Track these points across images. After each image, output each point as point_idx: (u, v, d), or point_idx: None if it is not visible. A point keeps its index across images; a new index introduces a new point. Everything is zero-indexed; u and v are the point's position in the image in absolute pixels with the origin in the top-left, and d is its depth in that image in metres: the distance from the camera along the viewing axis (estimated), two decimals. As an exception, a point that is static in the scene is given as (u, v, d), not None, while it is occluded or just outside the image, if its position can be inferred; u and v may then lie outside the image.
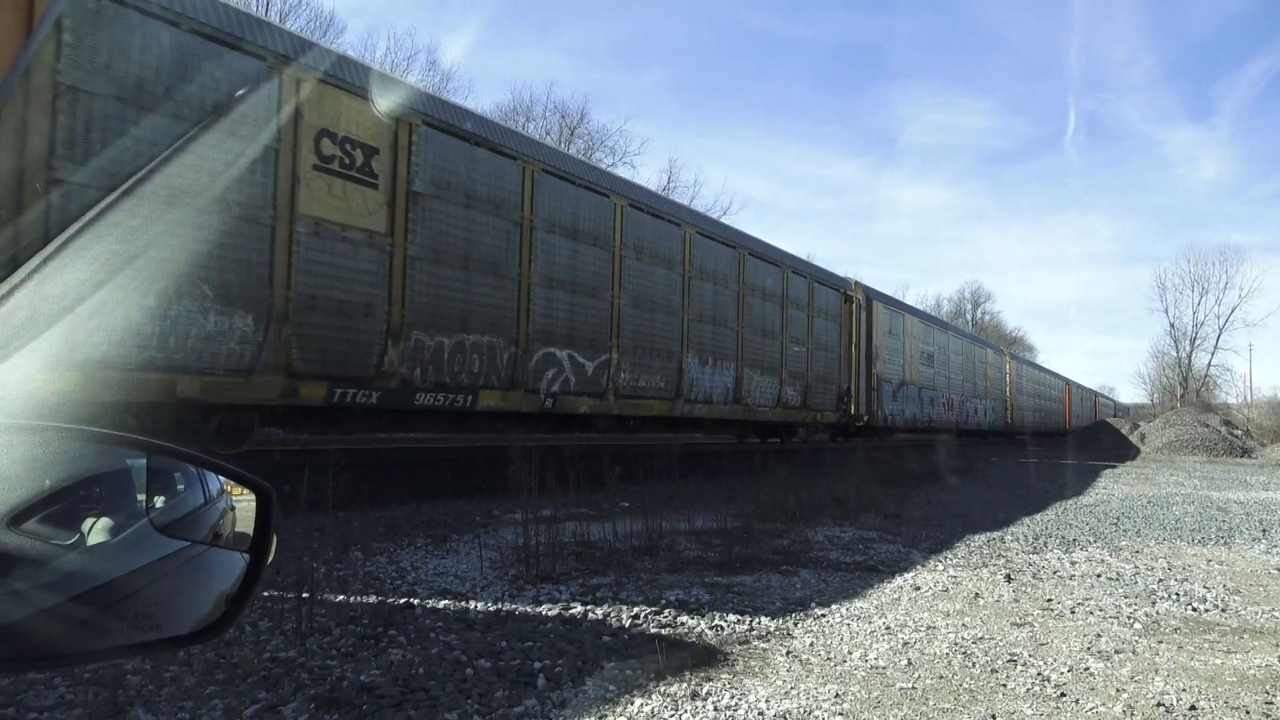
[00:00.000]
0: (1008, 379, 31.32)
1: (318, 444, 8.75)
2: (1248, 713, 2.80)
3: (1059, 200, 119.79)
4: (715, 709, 2.68)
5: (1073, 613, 4.19)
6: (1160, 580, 5.18)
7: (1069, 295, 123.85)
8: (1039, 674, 3.15)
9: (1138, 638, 3.75)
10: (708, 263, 12.16)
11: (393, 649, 3.17)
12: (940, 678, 3.09)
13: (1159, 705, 2.84)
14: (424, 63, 39.92)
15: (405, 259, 7.43)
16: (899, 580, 4.91)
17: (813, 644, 3.48)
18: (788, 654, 3.33)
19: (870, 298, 18.11)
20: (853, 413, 16.95)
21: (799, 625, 3.78)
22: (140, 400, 5.68)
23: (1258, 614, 4.34)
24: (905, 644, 3.51)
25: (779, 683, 2.97)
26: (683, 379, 11.45)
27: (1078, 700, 2.87)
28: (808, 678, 3.04)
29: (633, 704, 2.70)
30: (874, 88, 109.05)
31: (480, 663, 3.04)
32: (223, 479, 1.18)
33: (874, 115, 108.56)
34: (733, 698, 2.77)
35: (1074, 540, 6.93)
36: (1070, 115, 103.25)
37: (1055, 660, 3.33)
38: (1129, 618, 4.14)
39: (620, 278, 10.28)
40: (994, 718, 2.70)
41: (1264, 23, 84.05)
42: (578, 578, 4.57)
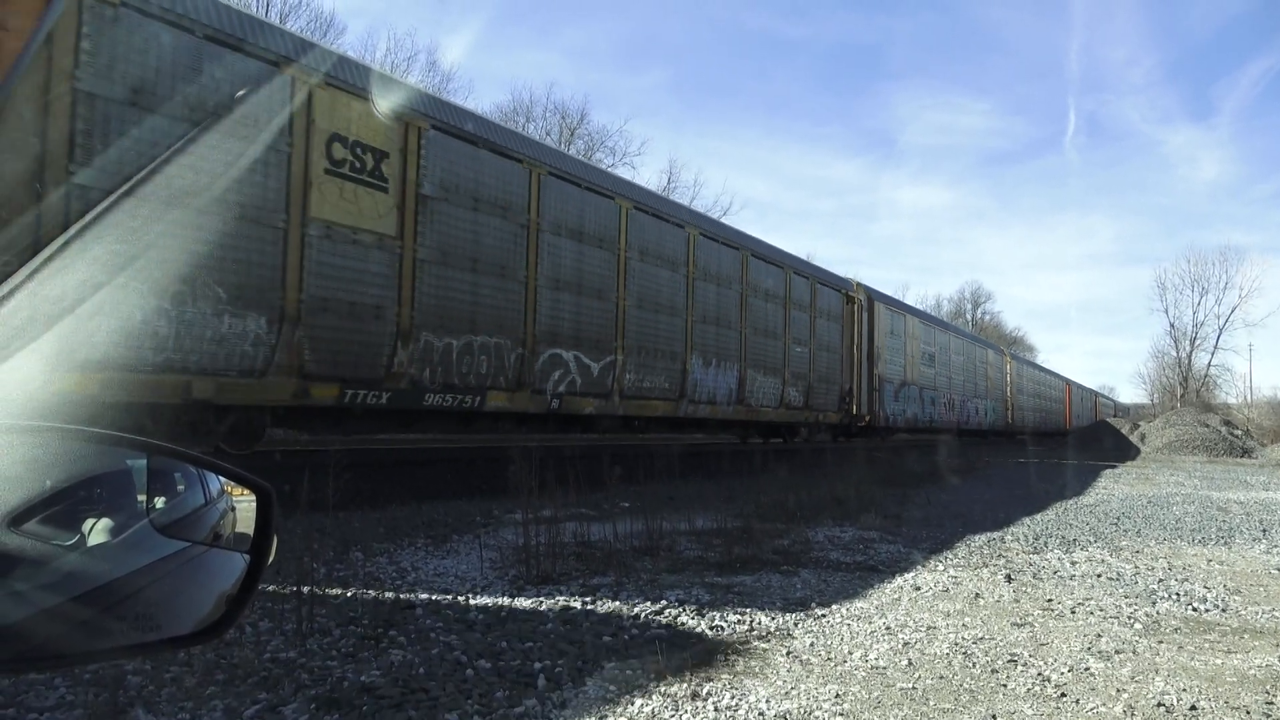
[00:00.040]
0: (1008, 379, 31.32)
1: (318, 444, 8.74)
2: (1248, 713, 2.80)
3: (1059, 200, 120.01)
4: (715, 709, 2.68)
5: (1073, 613, 4.19)
6: (1160, 580, 5.18)
7: (1069, 295, 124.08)
8: (1039, 674, 3.15)
9: (1138, 638, 3.75)
10: (711, 264, 12.19)
11: (393, 649, 3.17)
12: (941, 678, 3.09)
13: (1159, 705, 2.84)
14: (424, 63, 40.00)
15: (415, 261, 7.50)
16: (899, 580, 4.91)
17: (813, 644, 3.48)
18: (788, 654, 3.33)
19: (872, 298, 18.10)
20: (855, 413, 16.94)
21: (799, 625, 3.78)
22: (156, 401, 5.75)
23: (1258, 614, 4.34)
24: (906, 644, 3.51)
25: (779, 683, 2.97)
26: (687, 380, 11.46)
27: (1078, 700, 2.87)
28: (808, 678, 3.04)
29: (633, 704, 2.70)
30: (874, 88, 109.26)
31: (481, 663, 3.05)
32: (223, 479, 1.18)
33: (874, 115, 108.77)
34: (733, 698, 2.77)
35: (1074, 540, 6.92)
36: (1070, 116, 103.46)
37: (1056, 660, 3.33)
38: (1129, 618, 4.14)
39: (625, 279, 10.32)
40: (994, 718, 2.70)
41: (1264, 23, 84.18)
42: (578, 578, 4.57)
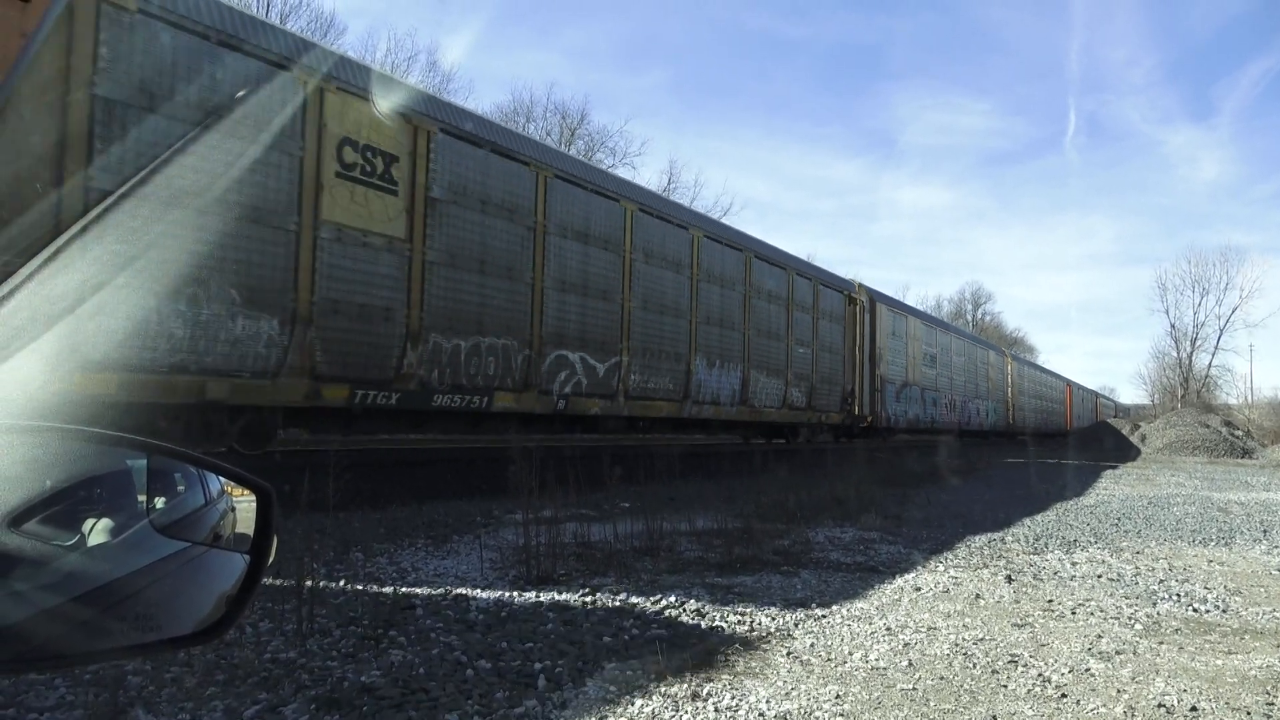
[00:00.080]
0: (1009, 380, 31.32)
1: (317, 444, 8.74)
2: (1249, 713, 2.80)
3: (1059, 201, 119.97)
4: (716, 710, 2.68)
5: (1073, 613, 4.19)
6: (1161, 581, 5.18)
7: (1069, 296, 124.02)
8: (1040, 675, 3.14)
9: (1139, 638, 3.75)
10: (715, 266, 12.26)
11: (393, 650, 3.17)
12: (941, 678, 3.08)
13: (1160, 706, 2.84)
14: (424, 64, 40.02)
15: (424, 264, 7.58)
16: (900, 581, 4.90)
17: (813, 645, 3.48)
18: (788, 655, 3.33)
19: (874, 300, 18.12)
20: (857, 413, 16.97)
21: (799, 626, 3.78)
22: (171, 402, 5.83)
23: (1259, 615, 4.34)
24: (906, 645, 3.51)
25: (779, 683, 2.97)
26: (691, 381, 11.52)
27: (1078, 701, 2.87)
28: (808, 678, 3.04)
29: (633, 705, 2.70)
30: (874, 88, 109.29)
31: (481, 663, 3.05)
32: (223, 480, 1.18)
33: (874, 116, 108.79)
34: (733, 698, 2.77)
35: (1075, 541, 6.92)
36: (1070, 116, 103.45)
37: (1056, 661, 3.33)
38: (1130, 619, 4.14)
39: (630, 281, 10.39)
40: (995, 718, 2.70)
41: (1264, 23, 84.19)
42: (578, 578, 4.57)
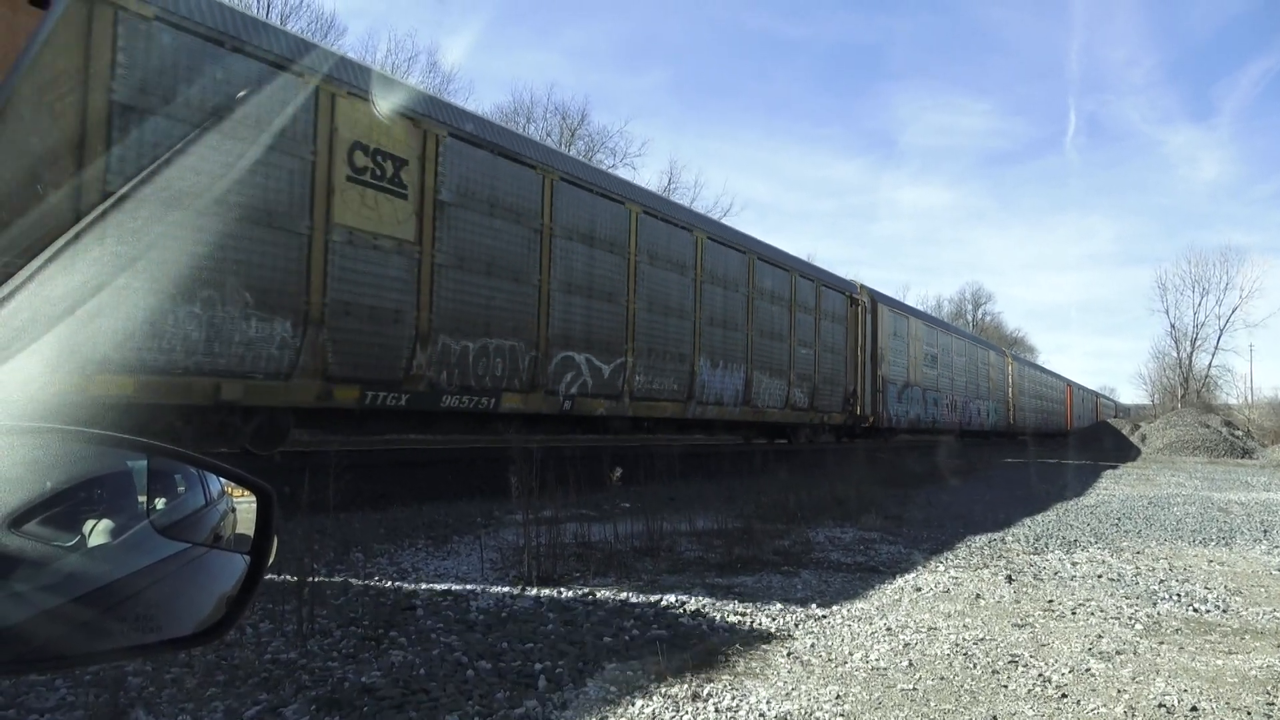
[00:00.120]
0: (1010, 380, 31.32)
1: (318, 445, 8.74)
2: (1249, 714, 2.80)
3: (1059, 201, 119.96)
4: (716, 710, 2.68)
5: (1074, 614, 4.19)
6: (1161, 581, 5.18)
7: (1069, 296, 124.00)
8: (1040, 675, 3.14)
9: (1139, 638, 3.75)
10: (718, 267, 12.36)
11: (394, 650, 3.17)
12: (941, 679, 3.08)
13: (1160, 706, 2.84)
14: (425, 64, 40.00)
15: (433, 266, 7.68)
16: (900, 581, 4.91)
17: (814, 645, 3.48)
18: (789, 655, 3.33)
19: (875, 301, 18.15)
20: (859, 414, 17.02)
21: (800, 626, 3.78)
22: (186, 403, 5.91)
23: (1259, 615, 4.34)
24: (906, 645, 3.51)
25: (780, 684, 2.97)
26: (695, 381, 11.60)
27: (1079, 701, 2.87)
28: (809, 679, 3.04)
29: (634, 705, 2.70)
30: (874, 89, 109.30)
31: (481, 664, 3.05)
32: (223, 480, 1.18)
33: (874, 116, 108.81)
34: (734, 699, 2.77)
35: (1075, 541, 6.92)
36: (1071, 116, 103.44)
37: (1056, 661, 3.33)
38: (1130, 619, 4.14)
39: (635, 283, 10.49)
40: (995, 719, 2.70)
41: (1264, 23, 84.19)
42: (579, 579, 4.57)
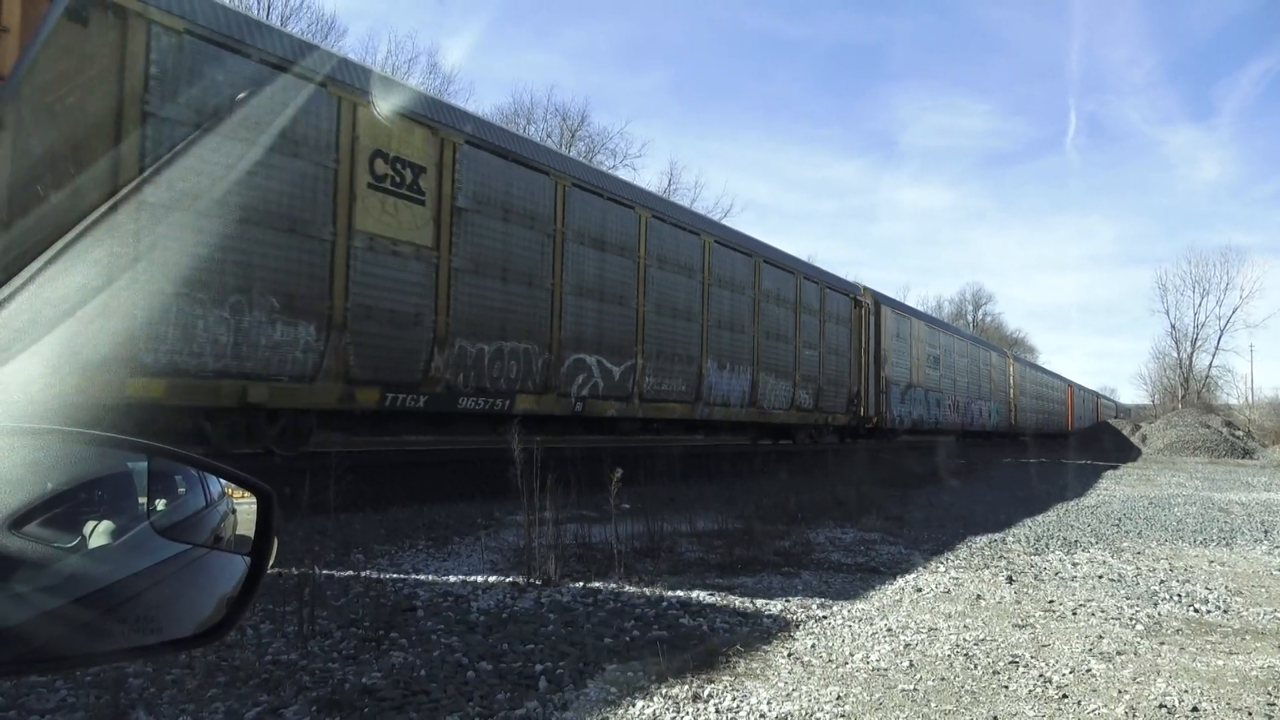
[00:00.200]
0: (1011, 381, 31.32)
1: (318, 445, 8.75)
2: (1250, 714, 2.80)
3: (1059, 201, 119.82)
4: (717, 711, 2.68)
5: (1074, 614, 4.19)
6: (1162, 581, 5.18)
7: (1070, 296, 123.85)
8: (1041, 675, 3.14)
9: (1140, 639, 3.75)
10: (725, 270, 12.50)
11: (394, 651, 3.17)
12: (942, 679, 3.08)
13: (1161, 707, 2.84)
14: (425, 65, 39.95)
15: (450, 271, 7.81)
16: (900, 582, 4.90)
17: (814, 646, 3.48)
18: (789, 656, 3.33)
19: (878, 302, 18.22)
20: (863, 415, 17.11)
21: (800, 627, 3.78)
22: (214, 405, 6.03)
23: (1260, 615, 4.34)
24: (907, 646, 3.51)
25: (780, 684, 2.97)
26: (702, 383, 11.73)
27: (1079, 702, 2.87)
28: (809, 679, 3.04)
29: (634, 706, 2.70)
30: (874, 89, 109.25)
31: (482, 665, 3.05)
32: (224, 482, 1.18)
33: (874, 117, 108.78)
34: (734, 700, 2.77)
35: (1076, 541, 6.92)
36: (1071, 116, 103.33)
37: (1057, 662, 3.33)
38: (1131, 619, 4.13)
39: (644, 286, 10.64)
40: (996, 719, 2.69)
41: (1264, 23, 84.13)
42: (579, 580, 4.57)
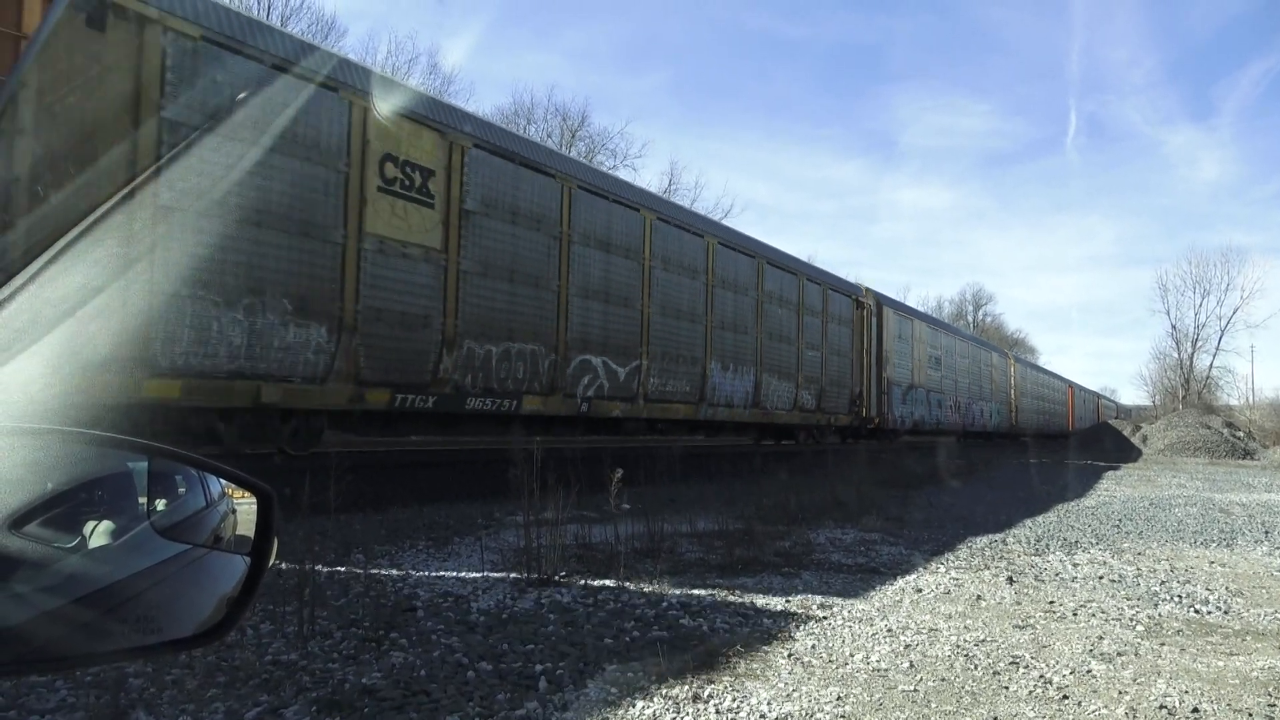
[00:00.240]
0: (1012, 381, 31.32)
1: (319, 446, 8.75)
2: (1250, 715, 2.80)
3: (1060, 202, 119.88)
4: (717, 711, 2.68)
5: (1075, 615, 4.19)
6: (1162, 582, 5.17)
7: (1070, 297, 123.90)
8: (1041, 676, 3.14)
9: (1140, 640, 3.74)
10: (729, 272, 12.57)
11: (394, 651, 3.17)
12: (942, 680, 3.08)
13: (1161, 707, 2.84)
14: (425, 66, 39.94)
15: (458, 273, 7.88)
16: (901, 582, 4.90)
17: (814, 646, 3.48)
18: (789, 656, 3.33)
19: (880, 303, 18.25)
20: (865, 415, 17.14)
21: (800, 627, 3.78)
22: (228, 405, 6.10)
23: (1260, 616, 4.34)
24: (907, 646, 3.51)
25: (780, 685, 2.97)
26: (706, 384, 11.80)
27: (1080, 702, 2.86)
28: (809, 680, 3.04)
29: (634, 706, 2.70)
30: (874, 90, 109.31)
31: (482, 665, 3.05)
32: (224, 482, 1.18)
33: (874, 117, 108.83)
34: (734, 700, 2.77)
35: (1076, 542, 6.91)
36: (1071, 116, 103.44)
37: (1057, 662, 3.33)
38: (1131, 620, 4.13)
39: (649, 288, 10.71)
40: (996, 720, 2.69)
41: (1265, 24, 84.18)
42: (579, 580, 4.57)
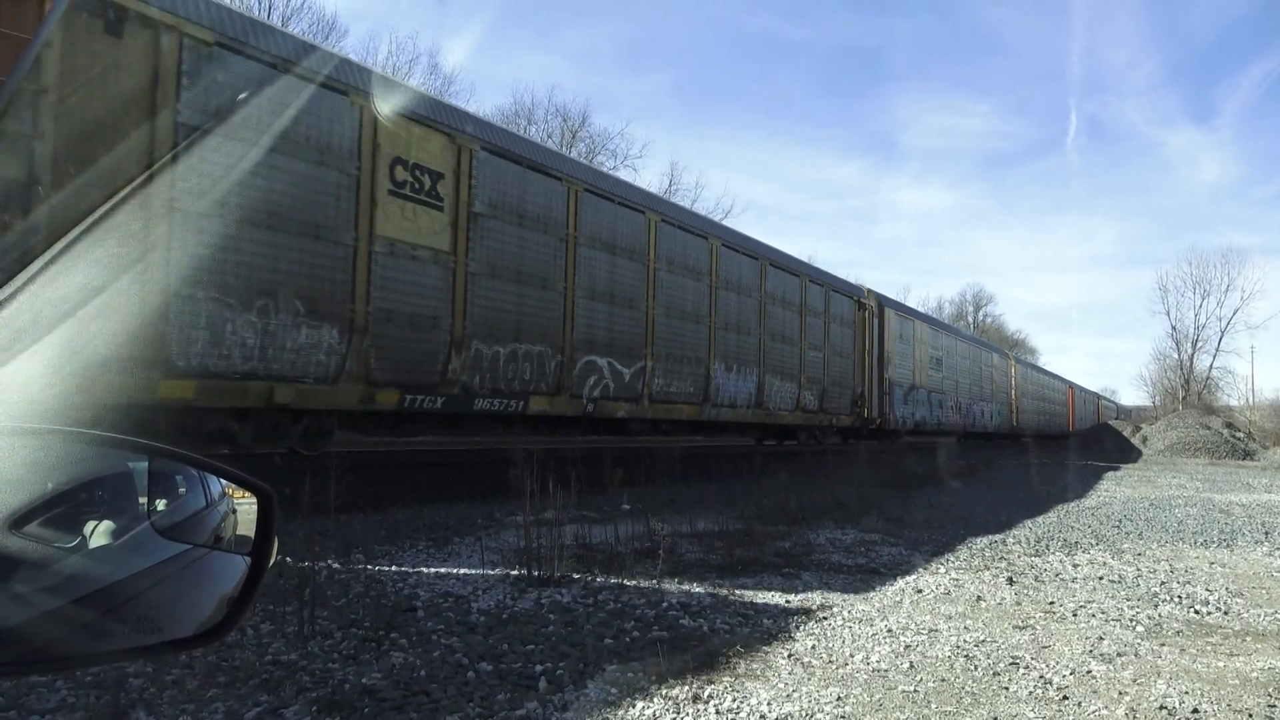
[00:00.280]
0: (1013, 382, 31.31)
1: (330, 446, 8.77)
2: (1250, 715, 2.79)
3: (1060, 202, 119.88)
4: (717, 712, 2.68)
5: (1075, 615, 4.19)
6: (1162, 583, 5.17)
7: (1070, 297, 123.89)
8: (1041, 677, 3.14)
9: (1140, 640, 3.74)
10: (732, 274, 12.65)
11: (394, 652, 3.17)
12: (942, 680, 3.08)
13: (1161, 708, 2.84)
14: (426, 66, 39.88)
15: (467, 275, 7.96)
16: (901, 583, 4.90)
17: (814, 646, 3.48)
18: (789, 657, 3.33)
19: (882, 304, 18.27)
20: (866, 416, 17.18)
21: (800, 628, 3.78)
22: (241, 406, 6.16)
23: (1260, 616, 4.33)
24: (907, 647, 3.51)
25: (780, 685, 2.97)
26: (710, 384, 11.87)
27: (1080, 703, 2.86)
28: (809, 680, 3.04)
29: (634, 707, 2.70)
30: (875, 90, 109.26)
31: (482, 665, 3.05)
32: (224, 482, 1.18)
33: (875, 118, 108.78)
34: (734, 700, 2.77)
35: (1076, 543, 6.91)
36: (1072, 117, 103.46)
37: (1057, 663, 3.33)
38: (1131, 620, 4.13)
39: (654, 289, 10.79)
40: (996, 721, 2.69)
41: (1265, 25, 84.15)
42: (579, 580, 4.57)
